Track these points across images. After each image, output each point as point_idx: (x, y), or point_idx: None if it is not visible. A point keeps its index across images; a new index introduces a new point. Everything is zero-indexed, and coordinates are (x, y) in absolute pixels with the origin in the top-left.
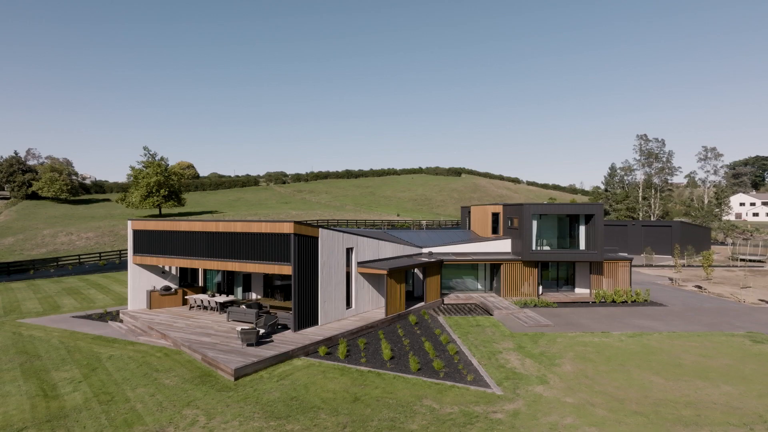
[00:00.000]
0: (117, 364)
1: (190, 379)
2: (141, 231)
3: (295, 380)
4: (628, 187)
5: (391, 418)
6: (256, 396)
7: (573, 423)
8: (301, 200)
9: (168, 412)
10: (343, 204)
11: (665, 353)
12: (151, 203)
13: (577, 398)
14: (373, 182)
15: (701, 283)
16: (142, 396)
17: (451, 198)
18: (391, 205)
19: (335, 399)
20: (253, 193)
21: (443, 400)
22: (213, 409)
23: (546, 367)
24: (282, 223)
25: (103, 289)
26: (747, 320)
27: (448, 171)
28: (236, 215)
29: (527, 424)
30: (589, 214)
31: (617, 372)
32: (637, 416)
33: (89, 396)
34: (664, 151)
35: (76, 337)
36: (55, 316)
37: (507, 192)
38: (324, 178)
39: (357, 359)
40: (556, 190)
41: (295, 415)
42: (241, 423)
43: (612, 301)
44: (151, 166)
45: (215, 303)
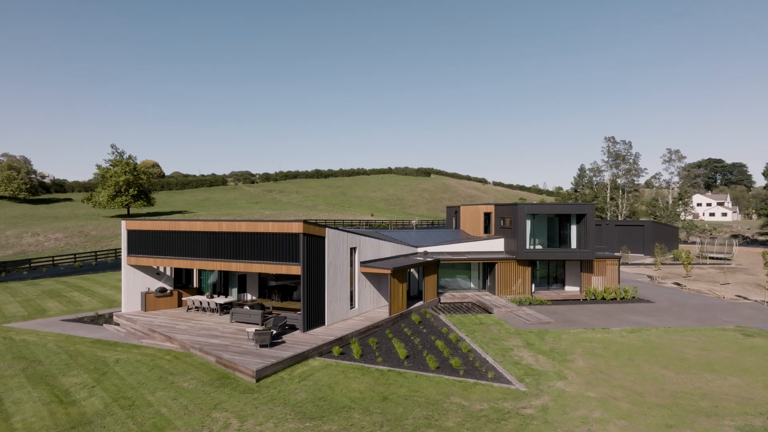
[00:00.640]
0: (127, 367)
1: (209, 381)
2: (136, 231)
3: (317, 381)
4: (596, 188)
5: (425, 416)
6: (282, 397)
7: (602, 416)
8: (272, 200)
9: (196, 415)
10: (315, 204)
11: (667, 348)
12: (119, 203)
13: (598, 392)
14: (344, 182)
15: (679, 280)
16: (163, 400)
17: (422, 198)
18: (364, 205)
19: (364, 399)
20: (222, 192)
21: (470, 397)
22: (242, 412)
23: (559, 363)
24: (291, 223)
25: (87, 292)
26: (732, 315)
27: (418, 171)
28: (209, 215)
29: (558, 418)
30: (581, 214)
31: (628, 366)
32: (660, 409)
33: (108, 401)
34: (631, 153)
35: (73, 341)
36: (42, 320)
37: (476, 192)
38: (293, 177)
39: (372, 359)
40: (522, 191)
41: (329, 415)
42: (276, 425)
43: (602, 299)
44: (120, 164)
45: (215, 304)
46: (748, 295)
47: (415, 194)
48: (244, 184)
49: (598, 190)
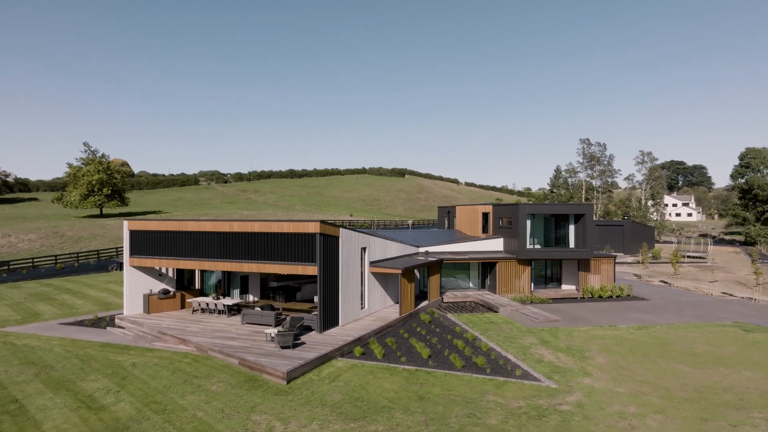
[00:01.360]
0: (147, 371)
1: (237, 384)
2: (139, 231)
3: (347, 381)
4: (572, 189)
5: (467, 414)
6: (318, 398)
7: (637, 411)
8: (247, 200)
9: (236, 419)
10: (292, 204)
11: (677, 343)
12: (92, 203)
13: (626, 388)
14: (318, 182)
15: (665, 278)
16: (196, 403)
17: (398, 198)
18: (341, 205)
19: (401, 399)
20: (194, 192)
21: (504, 395)
22: (282, 414)
23: (580, 360)
24: (307, 223)
25: (77, 294)
26: (726, 312)
27: (392, 172)
28: (185, 215)
29: (596, 414)
30: (579, 214)
31: (645, 362)
32: (690, 403)
33: (138, 406)
34: (605, 154)
35: (80, 345)
36: (39, 323)
37: (451, 193)
38: (267, 177)
39: (395, 359)
40: (494, 191)
41: (371, 415)
42: (321, 426)
43: (599, 297)
44: (92, 163)
45: (222, 306)
46: (733, 292)
47: (391, 194)
48: (216, 183)
49: (573, 190)
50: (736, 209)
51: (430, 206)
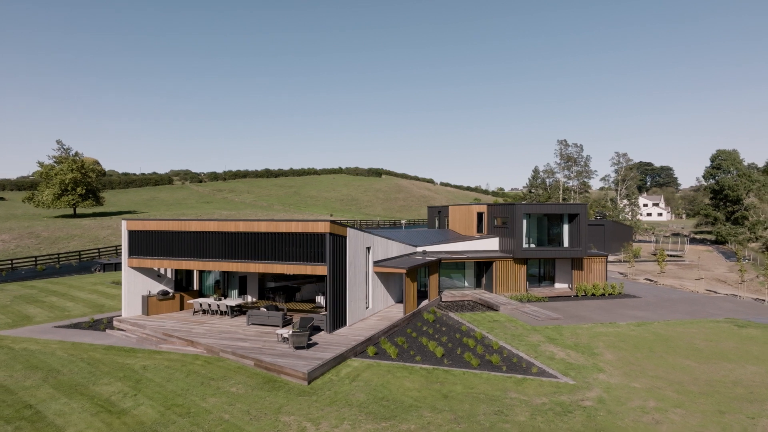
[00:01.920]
0: (160, 374)
1: (256, 385)
2: (139, 231)
3: (367, 381)
4: (550, 189)
5: (495, 411)
6: (342, 399)
7: (657, 406)
8: (223, 200)
9: (264, 420)
10: (270, 204)
11: (678, 339)
12: (65, 202)
13: (641, 383)
14: (295, 182)
15: (649, 276)
16: (219, 406)
17: (377, 198)
18: (319, 205)
19: (425, 397)
20: (169, 192)
21: (526, 392)
22: (310, 415)
23: (590, 356)
24: (317, 223)
25: (66, 297)
26: (715, 308)
27: (369, 171)
28: (161, 215)
29: (619, 409)
30: (573, 213)
31: (652, 358)
32: (705, 396)
33: (160, 409)
34: (582, 155)
35: (82, 348)
36: (32, 327)
37: (429, 193)
38: (243, 177)
39: (409, 358)
40: (470, 191)
41: (401, 414)
42: (353, 426)
43: (592, 295)
44: (66, 161)
45: (225, 307)
46: (716, 289)
47: (369, 194)
48: (191, 183)
49: (551, 190)
50: (707, 209)
51: (408, 206)
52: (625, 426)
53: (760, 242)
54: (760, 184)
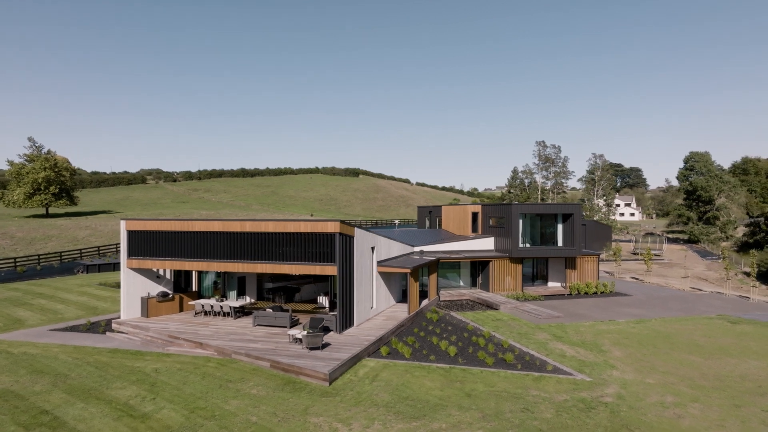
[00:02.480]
0: (174, 377)
1: (276, 387)
2: (139, 232)
3: (387, 381)
4: (529, 189)
5: (521, 408)
6: (367, 399)
7: (675, 401)
8: (200, 199)
9: (293, 422)
10: (248, 204)
11: (678, 336)
12: (38, 202)
13: (655, 379)
14: (272, 181)
15: (634, 275)
16: (244, 408)
17: (355, 198)
18: (298, 205)
19: (449, 396)
20: (143, 191)
21: (546, 389)
22: (339, 415)
23: (599, 353)
24: (326, 222)
25: (54, 299)
26: (705, 305)
27: (346, 171)
28: (137, 215)
29: (639, 404)
30: (568, 213)
31: (658, 354)
32: (717, 391)
33: (184, 413)
34: (560, 156)
35: (85, 351)
36: (26, 330)
37: (407, 193)
38: (218, 176)
39: (423, 357)
40: (446, 191)
41: (430, 414)
42: (385, 426)
43: (585, 293)
44: (38, 160)
45: (229, 308)
46: (700, 286)
47: (348, 194)
48: (165, 182)
49: (530, 191)
50: (681, 209)
51: (387, 206)
52: (650, 421)
53: (731, 241)
54: (731, 185)
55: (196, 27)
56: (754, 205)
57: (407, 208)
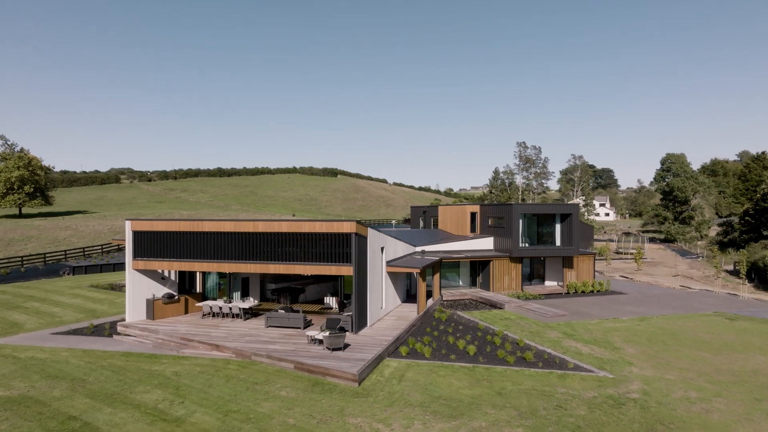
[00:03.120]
0: (197, 380)
1: (305, 388)
2: (145, 232)
3: (415, 381)
4: (510, 190)
5: (554, 406)
6: (400, 399)
7: (699, 396)
8: (177, 199)
9: (332, 423)
10: (227, 204)
11: (683, 333)
12: (11, 201)
13: (674, 375)
14: (250, 181)
15: (623, 273)
16: (278, 410)
17: (335, 198)
18: (278, 205)
19: (480, 395)
20: (118, 191)
21: (572, 386)
22: (377, 416)
23: (613, 351)
24: (342, 223)
25: (47, 301)
26: (698, 302)
27: (324, 171)
28: (114, 215)
29: (666, 400)
30: (566, 214)
31: (670, 351)
32: (735, 386)
33: (218, 416)
34: (541, 157)
35: (96, 355)
36: (26, 334)
37: (386, 193)
38: (194, 176)
39: (442, 356)
40: (420, 191)
41: (467, 412)
42: (425, 425)
43: (582, 292)
44: (11, 158)
45: (238, 309)
46: (688, 284)
47: (327, 194)
48: (140, 182)
49: (511, 191)
50: (658, 209)
51: (367, 206)
52: (680, 416)
53: (705, 240)
54: (706, 186)
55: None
56: (722, 206)
57: (387, 208)
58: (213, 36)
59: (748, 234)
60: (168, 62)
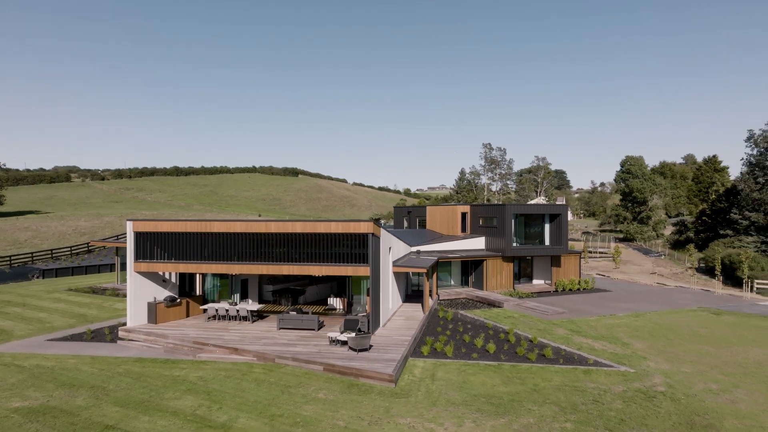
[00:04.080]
0: (227, 385)
1: (342, 390)
2: (148, 233)
3: (447, 380)
4: (476, 190)
5: (591, 400)
6: (441, 398)
7: (720, 387)
8: (134, 199)
9: (384, 425)
10: (189, 204)
11: (680, 328)
12: None
13: (689, 369)
14: (209, 181)
15: (598, 271)
16: (323, 413)
17: (299, 198)
18: (240, 204)
19: (518, 392)
20: (69, 190)
21: (600, 381)
22: (424, 415)
23: (622, 346)
24: (359, 223)
25: (28, 307)
26: (680, 299)
27: (285, 171)
28: (72, 215)
29: (691, 392)
30: (555, 214)
31: (674, 345)
32: (747, 377)
33: (265, 421)
34: (505, 159)
35: (107, 362)
36: (19, 341)
37: (348, 193)
38: (150, 174)
39: (463, 355)
40: (380, 191)
41: (512, 409)
42: (476, 424)
43: (569, 290)
44: None
45: (246, 311)
46: (662, 282)
47: (290, 194)
48: (93, 180)
49: (477, 191)
50: (618, 209)
51: (332, 206)
52: (711, 407)
53: (662, 239)
54: (663, 187)
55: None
56: (671, 206)
57: (352, 208)
58: (162, 29)
59: (705, 233)
60: (114, 55)
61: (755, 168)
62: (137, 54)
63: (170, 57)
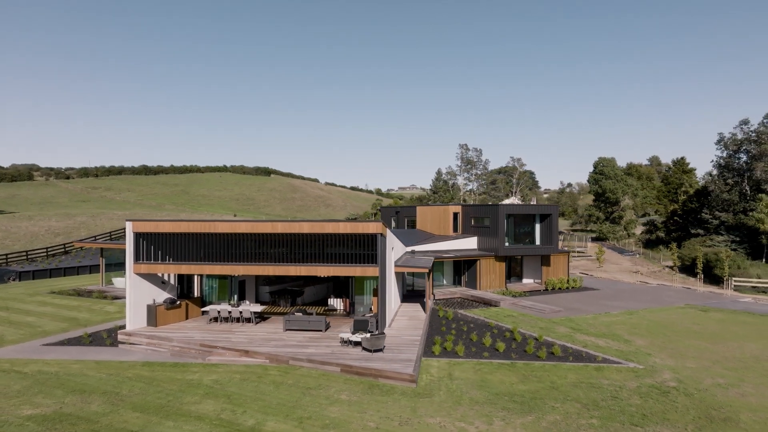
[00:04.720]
0: (244, 388)
1: (364, 391)
2: (149, 234)
3: (465, 379)
4: (452, 190)
5: (610, 397)
6: (465, 397)
7: (726, 382)
8: (102, 198)
9: (415, 425)
10: (160, 203)
11: (673, 325)
12: None
13: (693, 364)
14: (180, 180)
15: (582, 270)
16: (351, 415)
17: (273, 198)
18: (213, 204)
19: (537, 390)
20: (32, 189)
21: (612, 377)
22: (451, 415)
23: (624, 342)
24: (368, 223)
25: (13, 310)
26: (666, 296)
27: (257, 170)
28: (39, 214)
29: (701, 386)
30: (546, 214)
31: (673, 341)
32: (749, 371)
33: (293, 423)
34: (481, 159)
35: (112, 366)
36: (12, 347)
37: (322, 193)
38: (118, 173)
39: (475, 354)
40: (352, 191)
41: (536, 407)
42: (506, 422)
43: (559, 289)
44: None
45: (249, 313)
46: (645, 280)
47: (264, 194)
48: (57, 179)
49: (453, 192)
50: (591, 209)
51: (306, 206)
52: (725, 401)
53: (634, 239)
54: (634, 188)
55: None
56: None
57: (327, 208)
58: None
59: (677, 233)
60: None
61: (725, 170)
62: (100, 49)
63: (134, 52)
